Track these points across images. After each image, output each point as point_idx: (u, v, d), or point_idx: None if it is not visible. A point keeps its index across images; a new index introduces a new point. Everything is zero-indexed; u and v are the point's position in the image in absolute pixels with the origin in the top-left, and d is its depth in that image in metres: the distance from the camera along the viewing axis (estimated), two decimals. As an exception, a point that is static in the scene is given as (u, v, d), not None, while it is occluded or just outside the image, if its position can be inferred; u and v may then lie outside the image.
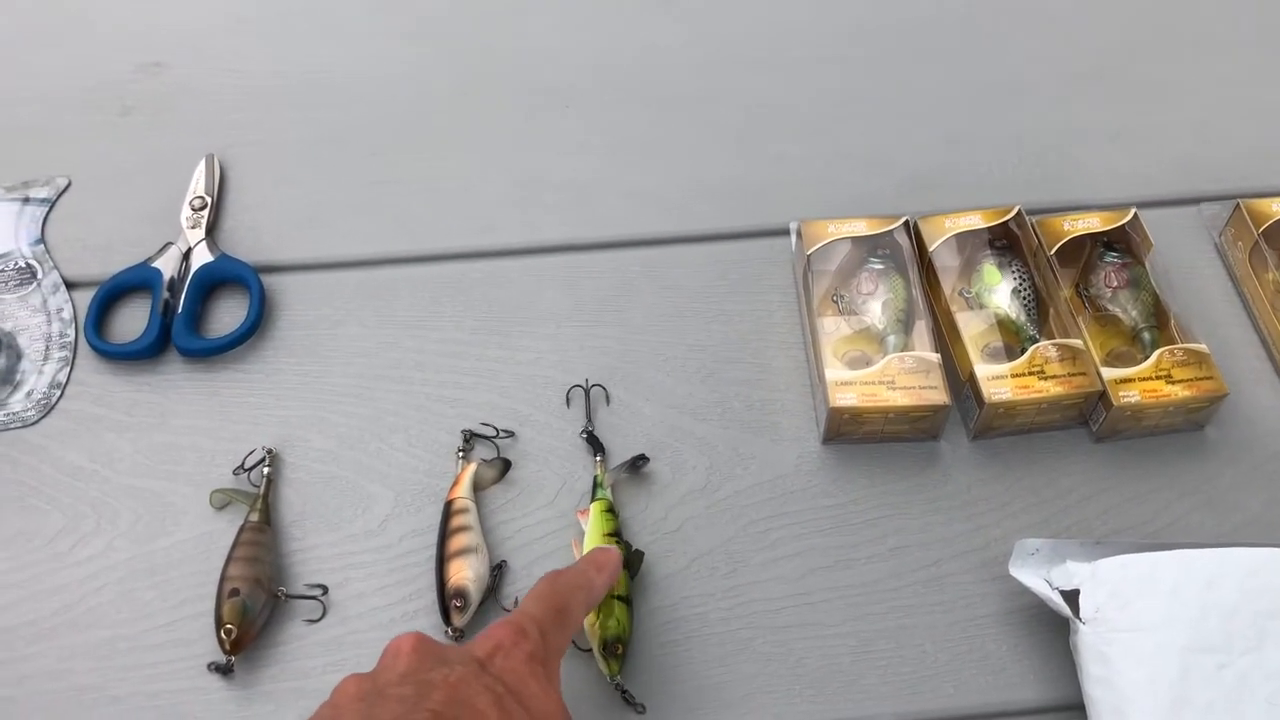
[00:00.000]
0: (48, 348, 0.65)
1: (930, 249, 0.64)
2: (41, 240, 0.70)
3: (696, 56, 0.80)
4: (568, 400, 0.63)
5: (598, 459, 0.60)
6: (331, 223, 0.71)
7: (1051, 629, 0.54)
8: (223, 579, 0.55)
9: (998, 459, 0.60)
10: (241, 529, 0.57)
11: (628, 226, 0.70)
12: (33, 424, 0.62)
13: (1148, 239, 0.64)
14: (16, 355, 0.65)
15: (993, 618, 0.55)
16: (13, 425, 0.62)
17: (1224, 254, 0.68)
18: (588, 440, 0.61)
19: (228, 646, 0.53)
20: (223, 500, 0.58)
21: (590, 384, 0.63)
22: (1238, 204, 0.66)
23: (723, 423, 0.62)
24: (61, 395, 0.63)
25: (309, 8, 0.84)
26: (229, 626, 0.53)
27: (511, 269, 0.69)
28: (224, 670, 0.53)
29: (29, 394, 0.63)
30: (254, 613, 0.54)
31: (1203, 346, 0.60)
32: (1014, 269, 0.64)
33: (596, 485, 0.58)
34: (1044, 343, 0.60)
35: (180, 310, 0.65)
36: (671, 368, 0.64)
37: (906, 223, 0.65)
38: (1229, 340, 0.64)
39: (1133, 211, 0.65)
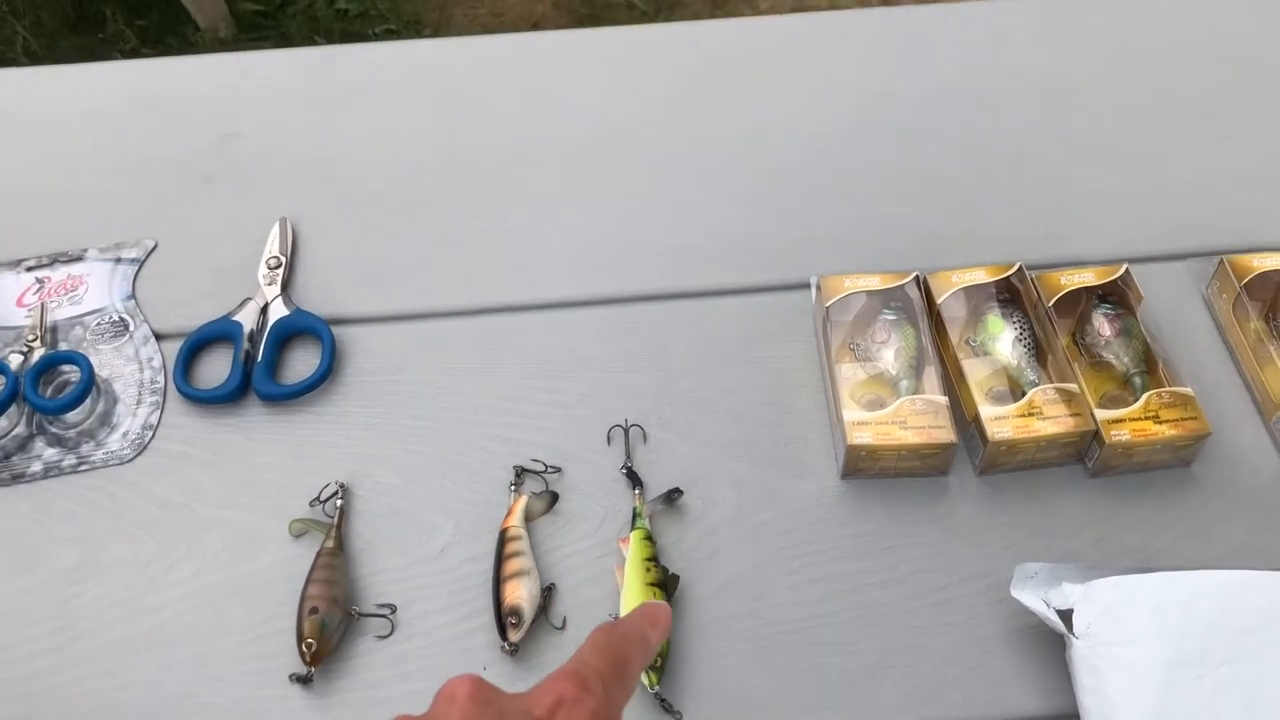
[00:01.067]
0: (140, 393, 0.72)
1: (939, 301, 0.70)
2: (133, 296, 0.77)
3: (729, 128, 0.87)
4: (609, 439, 0.69)
5: (636, 492, 0.66)
6: (395, 279, 0.78)
7: (1050, 646, 0.59)
8: (303, 599, 0.61)
9: (1001, 493, 0.66)
10: (318, 554, 0.63)
11: (664, 281, 0.77)
12: (128, 461, 0.69)
13: (1138, 292, 0.70)
14: (113, 400, 0.72)
15: (997, 636, 0.61)
16: (111, 463, 0.69)
17: (1210, 305, 0.73)
18: (627, 475, 0.67)
19: (308, 659, 0.59)
20: (301, 529, 0.65)
21: (629, 424, 0.69)
22: (1222, 260, 0.72)
23: (750, 459, 0.68)
24: (153, 436, 0.70)
25: (370, 82, 0.91)
26: (309, 641, 0.59)
27: (558, 320, 0.75)
28: (304, 680, 0.59)
29: (124, 434, 0.70)
30: (331, 629, 0.60)
31: (1188, 390, 0.65)
32: (1015, 320, 0.70)
33: (636, 516, 0.65)
34: (1043, 386, 0.66)
35: (259, 359, 0.72)
36: (704, 409, 0.70)
37: (917, 278, 0.72)
38: (1214, 384, 0.69)
39: (1125, 267, 0.71)
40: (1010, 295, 0.72)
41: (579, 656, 0.42)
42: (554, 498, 0.66)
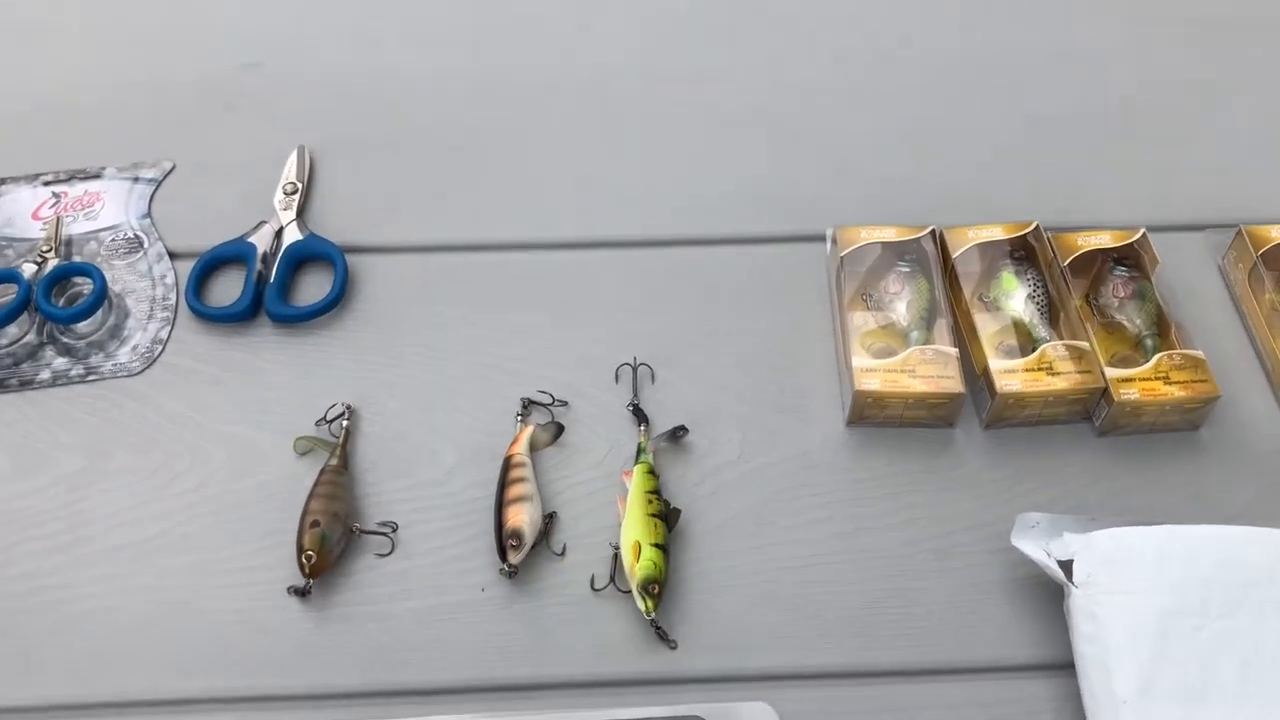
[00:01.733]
0: (151, 309, 0.72)
1: (954, 256, 0.70)
2: (148, 215, 0.77)
3: (748, 79, 0.87)
4: (616, 377, 0.69)
5: (642, 428, 0.66)
6: (409, 211, 0.78)
7: (1048, 597, 0.59)
8: (305, 512, 0.61)
9: (1006, 447, 0.66)
10: (322, 471, 0.63)
11: (679, 228, 0.77)
12: (137, 374, 0.69)
13: (1154, 256, 0.70)
14: (124, 314, 0.72)
15: (995, 584, 0.61)
16: (119, 374, 0.69)
17: (1225, 275, 0.73)
18: (633, 412, 0.67)
19: (307, 571, 0.59)
20: (306, 446, 0.65)
21: (637, 362, 0.69)
22: (1239, 229, 0.72)
23: (756, 403, 0.68)
24: (163, 350, 0.70)
25: (394, 15, 0.91)
26: (309, 553, 0.59)
27: (570, 260, 0.75)
28: (302, 593, 0.59)
29: (134, 348, 0.70)
30: (331, 542, 0.60)
31: (1200, 353, 0.65)
32: (1030, 278, 0.70)
33: (640, 451, 0.65)
34: (1054, 342, 0.66)
35: (272, 281, 0.72)
36: (712, 353, 0.70)
37: (933, 232, 0.72)
38: (1225, 351, 0.69)
39: (1142, 231, 0.71)
40: (1026, 253, 0.71)
41: None
42: (559, 429, 0.66)
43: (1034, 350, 0.66)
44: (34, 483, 0.64)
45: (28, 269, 0.72)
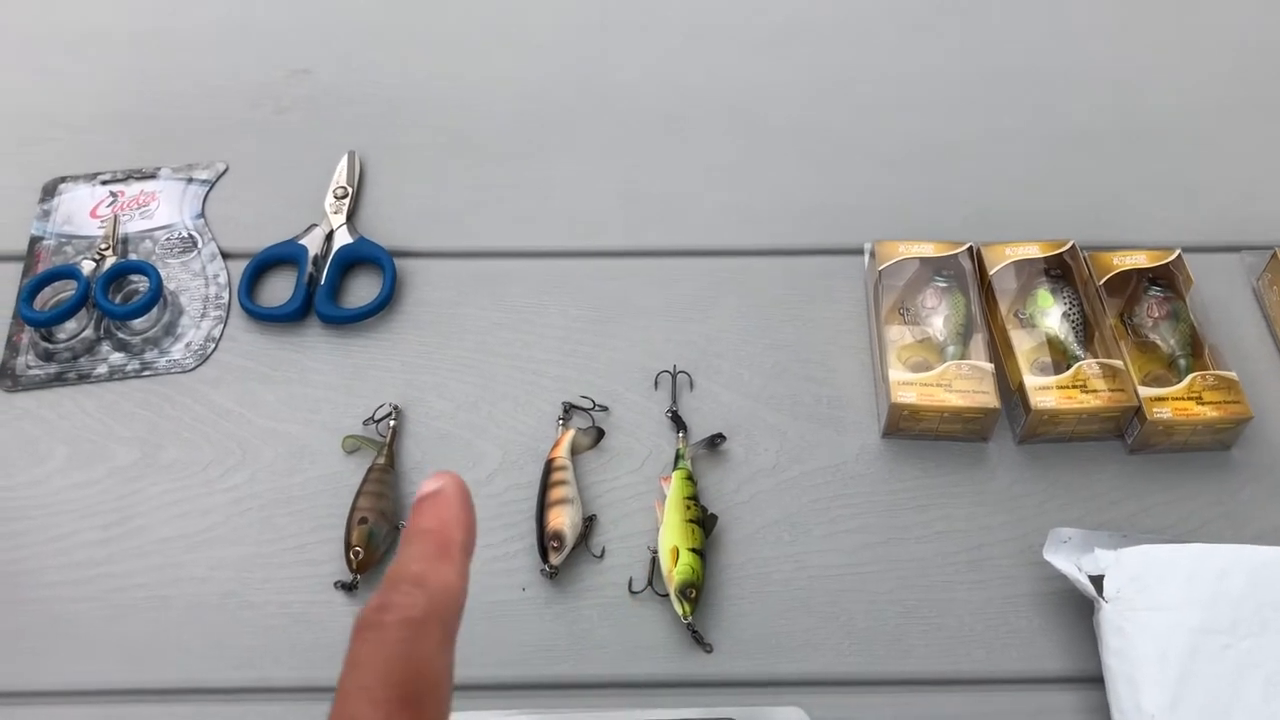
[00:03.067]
0: (205, 307, 0.74)
1: (991, 272, 0.71)
2: (202, 215, 0.79)
3: (790, 93, 0.88)
4: (656, 384, 0.70)
5: (680, 435, 0.67)
6: (457, 217, 0.79)
7: (1078, 610, 0.60)
8: (353, 509, 0.63)
9: (1039, 462, 0.67)
10: (370, 469, 0.65)
11: (718, 238, 0.78)
12: (190, 370, 0.71)
13: (1189, 277, 0.71)
14: (178, 311, 0.74)
15: (1025, 597, 0.62)
16: (173, 370, 0.71)
17: (1260, 297, 0.74)
18: (672, 418, 0.68)
19: (354, 566, 0.61)
20: (353, 445, 0.67)
21: (676, 370, 0.71)
22: (1274, 251, 0.73)
23: (793, 414, 0.69)
24: (215, 348, 0.72)
25: (443, 25, 0.93)
26: (357, 549, 0.61)
27: (612, 268, 0.77)
28: (349, 588, 0.61)
29: (187, 345, 0.72)
30: (378, 539, 0.62)
31: (1233, 374, 0.66)
32: (1065, 295, 0.71)
33: (678, 457, 0.66)
34: (1088, 360, 0.67)
35: (322, 283, 0.74)
36: (750, 363, 0.72)
37: (970, 248, 0.73)
38: (1259, 373, 0.70)
39: (1177, 252, 0.72)
40: (1061, 271, 0.72)
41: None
42: (600, 434, 0.68)
43: (1069, 368, 0.67)
44: (90, 474, 0.66)
45: (86, 266, 0.74)
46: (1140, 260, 0.72)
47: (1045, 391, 0.65)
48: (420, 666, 0.32)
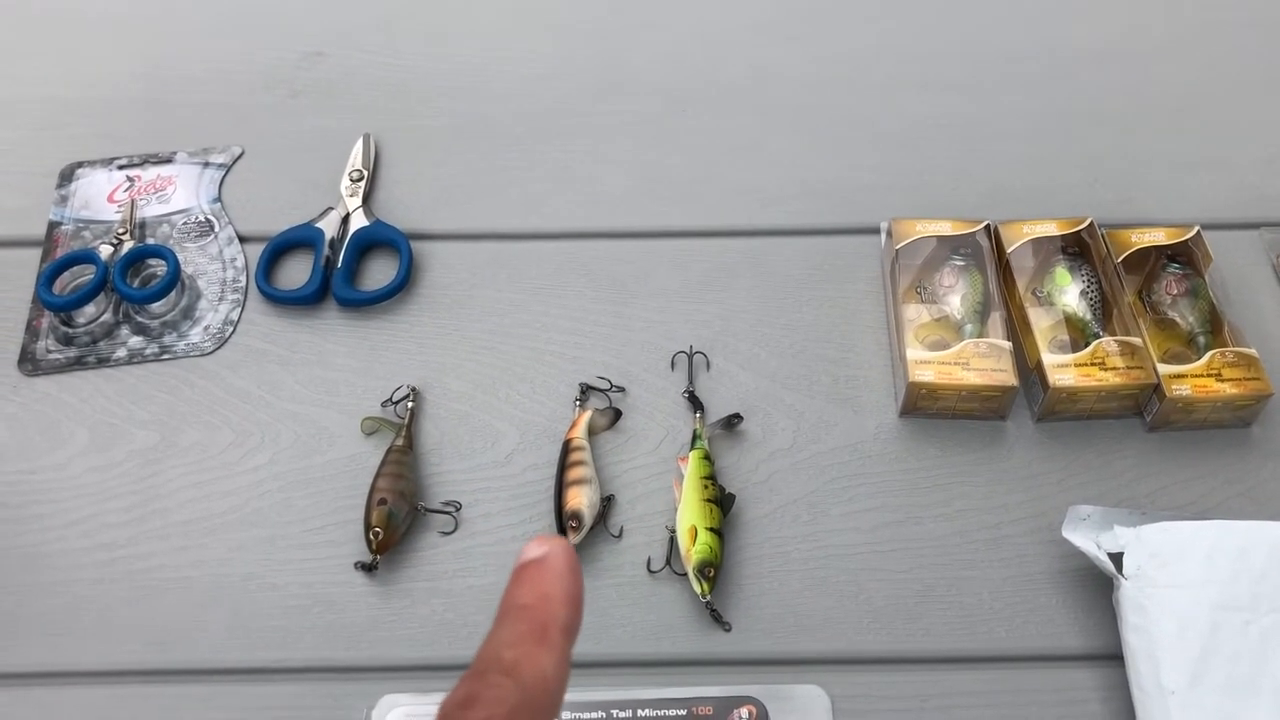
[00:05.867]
0: (222, 290, 0.74)
1: (1008, 251, 0.71)
2: (218, 199, 0.79)
3: (805, 74, 0.88)
4: (673, 364, 0.70)
5: (697, 415, 0.67)
6: (472, 199, 0.79)
7: (1097, 588, 0.60)
8: (372, 490, 0.63)
9: (1058, 440, 0.67)
10: (389, 450, 0.65)
11: (735, 218, 0.78)
12: (209, 354, 0.71)
13: (1208, 254, 0.70)
14: (196, 295, 0.74)
15: (1044, 575, 0.62)
16: (192, 353, 0.71)
17: (1279, 273, 0.74)
18: (689, 399, 0.68)
19: (374, 547, 0.61)
20: (372, 427, 0.67)
21: (693, 350, 0.71)
22: (1295, 228, 0.72)
23: (810, 393, 0.69)
24: (233, 331, 0.72)
25: (456, 7, 0.93)
26: (376, 530, 0.61)
27: (628, 249, 0.77)
28: (369, 568, 0.62)
29: (206, 328, 0.72)
30: (398, 520, 0.62)
31: (1253, 351, 0.66)
32: (1083, 273, 0.70)
33: (695, 437, 0.66)
34: (1106, 338, 0.66)
35: (339, 265, 0.74)
36: (766, 343, 0.72)
37: (988, 226, 0.72)
38: (1278, 350, 0.69)
39: (1196, 229, 0.71)
40: (1079, 249, 0.72)
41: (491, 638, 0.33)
42: (617, 414, 0.68)
43: (1087, 345, 0.67)
44: (111, 457, 0.67)
45: (104, 250, 0.74)
46: (1159, 237, 0.71)
47: (1063, 369, 0.65)
48: None
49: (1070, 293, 0.70)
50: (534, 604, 0.32)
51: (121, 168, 0.81)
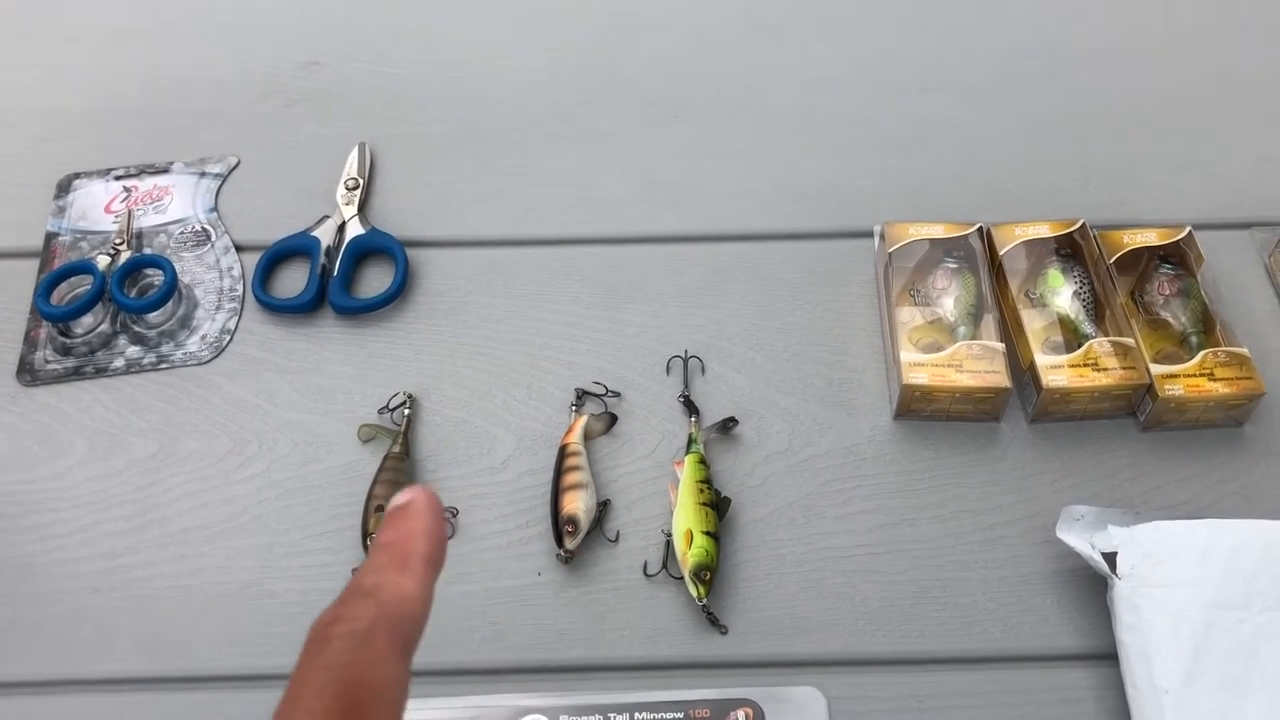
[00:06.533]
0: (219, 299, 0.75)
1: (1001, 253, 0.71)
2: (215, 209, 0.79)
3: (797, 79, 0.88)
4: (668, 369, 0.71)
5: (692, 419, 0.68)
6: (467, 206, 0.80)
7: (1091, 588, 0.61)
8: (369, 496, 0.63)
9: (1051, 441, 0.67)
10: (385, 457, 0.65)
11: (728, 223, 0.78)
12: (205, 362, 0.72)
13: (1200, 254, 0.71)
14: (193, 304, 0.74)
15: (1039, 575, 0.62)
16: (189, 363, 0.72)
17: (1272, 274, 0.74)
18: (684, 403, 0.69)
19: (371, 553, 0.62)
20: (369, 434, 0.67)
21: (688, 355, 0.71)
22: (1286, 228, 0.73)
23: (805, 396, 0.70)
24: (230, 340, 0.73)
25: (450, 15, 0.93)
26: (373, 537, 0.61)
27: (622, 255, 0.77)
28: (366, 574, 0.62)
29: (203, 337, 0.73)
30: (395, 526, 0.62)
31: (1245, 350, 0.66)
32: (1076, 274, 0.71)
33: (691, 441, 0.66)
34: (1099, 338, 0.67)
35: (335, 274, 0.74)
36: (761, 347, 0.72)
37: (980, 229, 0.73)
38: (1271, 349, 0.70)
39: (1188, 229, 0.71)
40: (1072, 251, 0.72)
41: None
42: (613, 419, 0.68)
43: (1080, 346, 0.67)
44: (109, 466, 0.67)
45: (102, 260, 0.75)
46: (1151, 238, 0.72)
47: (1057, 370, 0.66)
48: (364, 679, 0.32)
49: (1063, 294, 0.70)
50: (396, 540, 0.36)
51: (118, 178, 0.81)
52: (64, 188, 0.81)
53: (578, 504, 0.62)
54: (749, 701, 0.57)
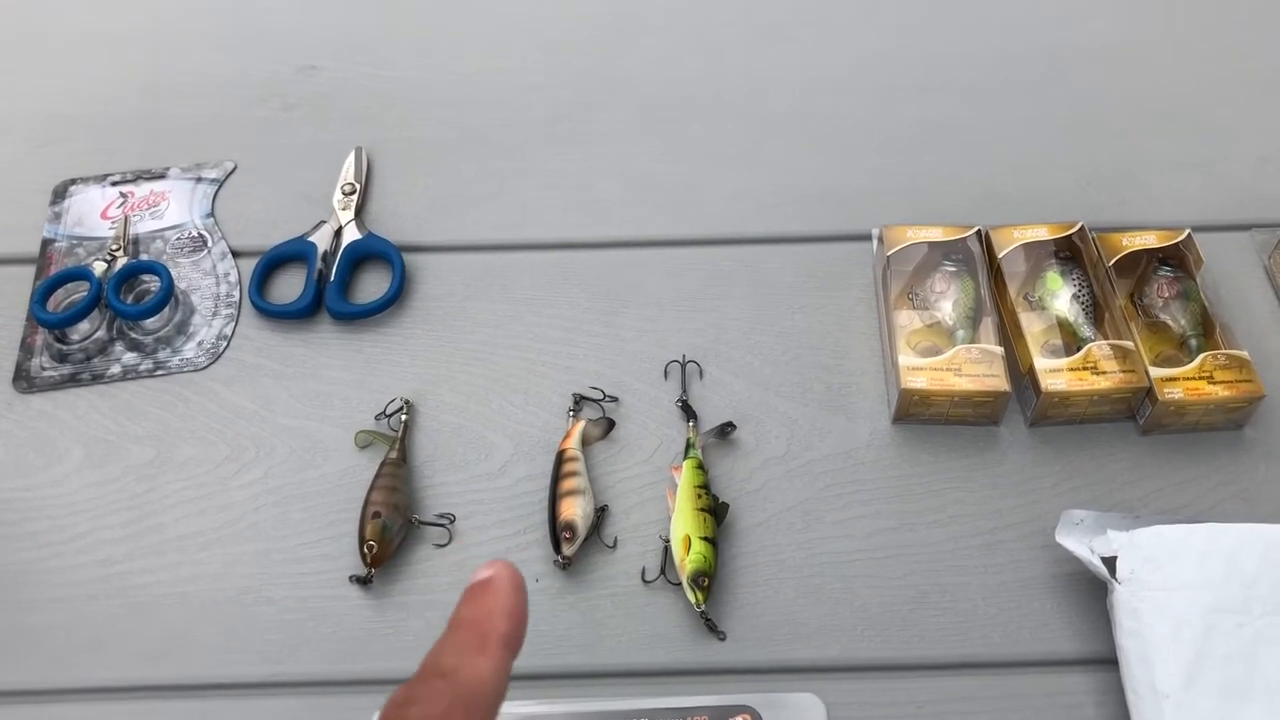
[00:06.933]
0: (216, 305, 0.74)
1: (999, 256, 0.71)
2: (211, 214, 0.79)
3: (795, 82, 0.88)
4: (666, 373, 0.71)
5: (690, 424, 0.67)
6: (464, 211, 0.79)
7: (1091, 592, 0.60)
8: (366, 503, 0.63)
9: (1051, 445, 0.67)
10: (382, 464, 0.65)
11: (726, 226, 0.78)
12: (202, 369, 0.72)
13: (1199, 257, 0.70)
14: (190, 310, 0.74)
15: (1039, 580, 0.62)
16: (186, 369, 0.71)
17: (1271, 276, 0.73)
18: (682, 408, 0.69)
19: (368, 560, 0.61)
20: (366, 440, 0.67)
21: (686, 359, 0.71)
22: (1285, 230, 0.72)
23: (803, 400, 0.69)
24: (227, 346, 0.73)
25: (445, 20, 0.93)
26: (370, 543, 0.61)
27: (621, 258, 0.77)
28: (363, 581, 0.62)
29: (199, 343, 0.73)
30: (392, 533, 0.62)
31: (1244, 353, 0.66)
32: (1075, 277, 0.71)
33: (689, 446, 0.66)
34: (1099, 342, 0.67)
35: (332, 279, 0.74)
36: (759, 351, 0.72)
37: (979, 231, 0.72)
38: (1270, 351, 0.69)
39: (1187, 231, 0.71)
40: (1071, 254, 0.72)
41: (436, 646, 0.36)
42: (610, 424, 0.68)
43: (1079, 349, 0.67)
44: (106, 473, 0.67)
45: (98, 267, 0.74)
46: (1150, 240, 0.71)
47: (1056, 374, 0.65)
48: None
49: (1062, 297, 0.70)
50: (476, 618, 0.35)
51: (115, 184, 0.81)
52: (60, 193, 0.81)
53: (575, 509, 0.62)
54: (748, 708, 0.57)
